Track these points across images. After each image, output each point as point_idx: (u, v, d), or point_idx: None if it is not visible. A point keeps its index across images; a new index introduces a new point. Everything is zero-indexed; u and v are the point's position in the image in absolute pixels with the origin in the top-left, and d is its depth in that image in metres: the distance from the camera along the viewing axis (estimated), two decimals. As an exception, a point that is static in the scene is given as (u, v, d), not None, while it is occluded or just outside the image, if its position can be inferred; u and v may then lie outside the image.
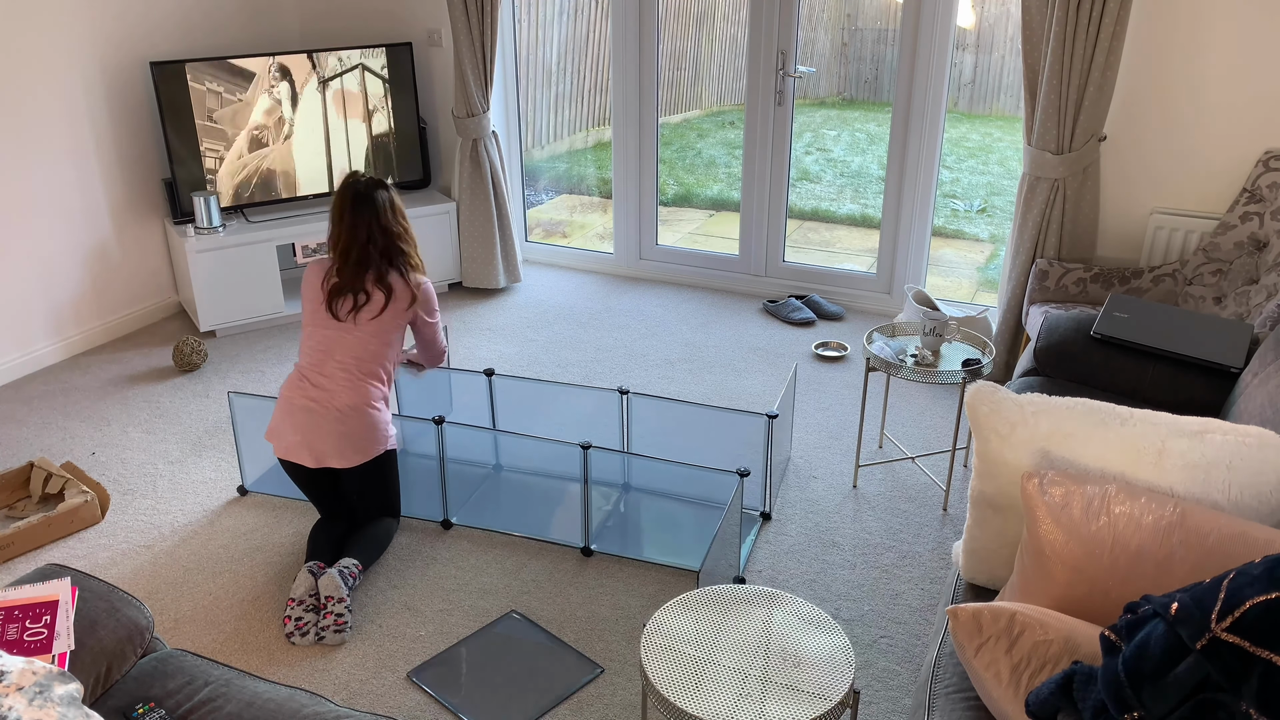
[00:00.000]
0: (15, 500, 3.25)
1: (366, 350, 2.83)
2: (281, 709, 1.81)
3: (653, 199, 4.99)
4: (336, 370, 2.81)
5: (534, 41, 6.10)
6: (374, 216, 2.82)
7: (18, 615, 1.86)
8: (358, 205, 2.82)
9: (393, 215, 2.87)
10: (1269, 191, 3.42)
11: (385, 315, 2.84)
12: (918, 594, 2.81)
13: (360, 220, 2.81)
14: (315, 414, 2.77)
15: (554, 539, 3.04)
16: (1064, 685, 1.45)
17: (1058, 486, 1.73)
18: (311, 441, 2.77)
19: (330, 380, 2.80)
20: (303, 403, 2.78)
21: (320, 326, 2.84)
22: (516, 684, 2.47)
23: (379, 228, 2.83)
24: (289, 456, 2.80)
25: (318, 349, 2.83)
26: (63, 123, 4.09)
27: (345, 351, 2.82)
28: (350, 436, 2.78)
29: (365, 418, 2.80)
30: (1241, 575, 1.31)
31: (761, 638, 1.97)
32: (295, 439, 2.78)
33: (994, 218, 6.35)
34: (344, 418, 2.77)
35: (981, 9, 6.56)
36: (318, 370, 2.81)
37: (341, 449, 2.78)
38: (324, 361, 2.82)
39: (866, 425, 3.74)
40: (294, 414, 2.79)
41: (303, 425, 2.77)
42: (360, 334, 2.83)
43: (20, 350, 4.10)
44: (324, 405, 2.77)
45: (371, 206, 2.82)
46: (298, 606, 2.66)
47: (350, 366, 2.81)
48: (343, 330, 2.82)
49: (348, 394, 2.79)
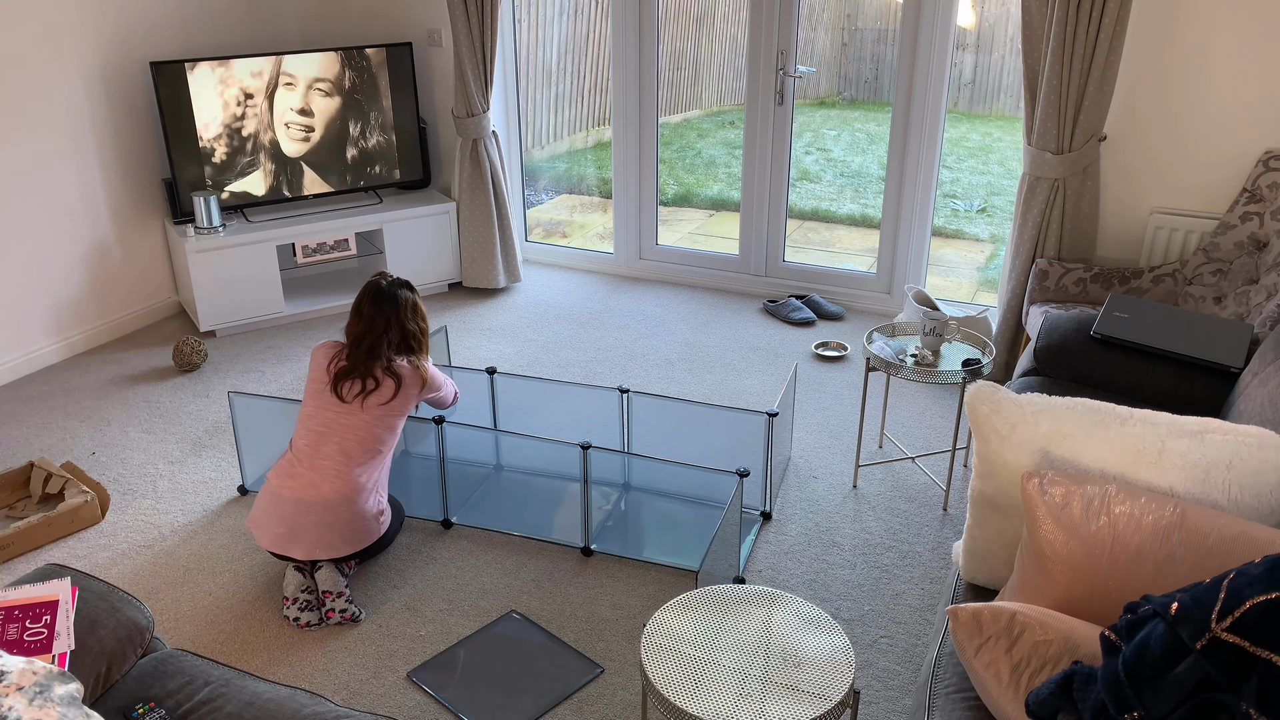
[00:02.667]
0: (15, 500, 3.25)
1: (370, 434, 2.76)
2: (281, 709, 1.81)
3: (653, 199, 5.00)
4: (334, 454, 2.72)
5: (534, 41, 6.10)
6: (394, 312, 2.84)
7: (18, 615, 1.86)
8: (379, 300, 2.84)
9: (412, 315, 2.88)
10: (1269, 191, 3.42)
11: (395, 403, 2.79)
12: (918, 594, 2.81)
13: (380, 313, 2.83)
14: (301, 505, 2.68)
15: (554, 539, 3.04)
16: (1064, 685, 1.45)
17: (1058, 486, 1.73)
18: (298, 534, 2.69)
19: (320, 468, 2.71)
20: (290, 494, 2.70)
21: (322, 408, 2.78)
22: (516, 684, 2.47)
23: (396, 323, 2.84)
24: (274, 549, 2.71)
25: (316, 430, 2.76)
26: (63, 123, 4.09)
27: (346, 435, 2.74)
28: (337, 528, 2.69)
29: (352, 510, 2.71)
30: (1241, 575, 1.31)
31: (761, 638, 1.97)
32: (281, 530, 2.70)
33: (994, 218, 6.35)
34: (330, 508, 2.69)
35: (981, 9, 6.56)
36: (313, 452, 2.73)
37: (328, 541, 2.69)
38: (320, 444, 2.74)
39: (866, 425, 3.74)
40: (280, 505, 2.70)
41: (288, 517, 2.69)
42: (365, 418, 2.76)
43: (20, 350, 4.10)
44: (310, 496, 2.68)
45: (393, 303, 2.85)
46: (293, 606, 2.66)
47: (349, 452, 2.73)
48: (345, 413, 2.76)
49: (336, 483, 2.70)
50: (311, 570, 2.76)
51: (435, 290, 4.98)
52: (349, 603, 2.67)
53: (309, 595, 2.68)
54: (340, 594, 2.66)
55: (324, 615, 2.66)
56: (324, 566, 2.68)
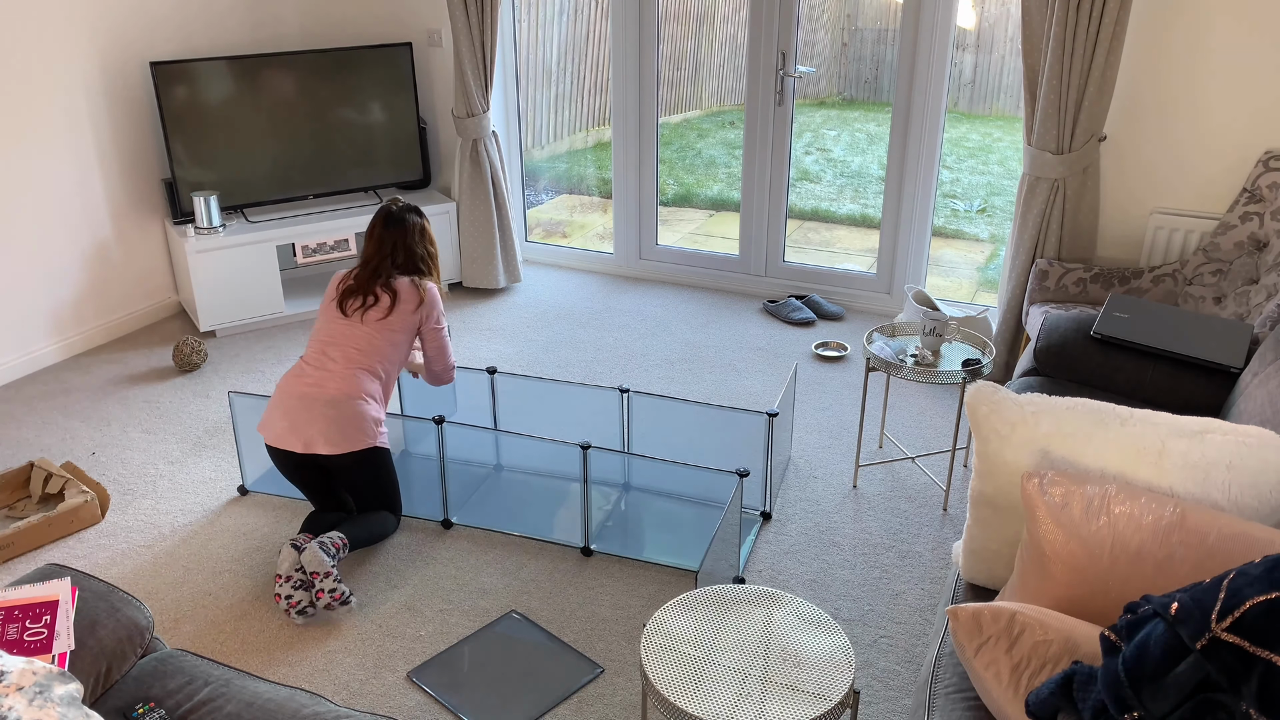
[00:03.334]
0: (15, 500, 3.25)
1: (370, 344, 2.93)
2: (281, 709, 1.81)
3: (653, 199, 5.00)
4: (336, 358, 2.89)
5: (534, 41, 6.10)
6: (401, 235, 3.05)
7: (18, 615, 1.86)
8: (388, 223, 3.06)
9: (419, 238, 3.08)
10: (1269, 191, 3.42)
11: (392, 316, 2.97)
12: (918, 594, 2.81)
13: (387, 235, 3.04)
14: (306, 399, 2.82)
15: (554, 539, 3.04)
16: (1064, 685, 1.45)
17: (1058, 486, 1.73)
18: (299, 427, 2.81)
19: (326, 369, 2.88)
20: (295, 389, 2.85)
21: (329, 322, 2.97)
22: (516, 684, 2.47)
23: (403, 246, 3.04)
24: (277, 443, 2.84)
25: (321, 339, 2.95)
26: (63, 123, 4.09)
27: (348, 343, 2.92)
28: (338, 422, 2.80)
29: (354, 407, 2.83)
30: (1241, 575, 1.31)
31: (761, 638, 1.97)
32: (284, 425, 2.82)
33: (994, 218, 6.35)
34: (334, 403, 2.82)
35: (981, 9, 6.56)
36: (318, 356, 2.91)
37: (328, 433, 2.80)
38: (325, 350, 2.92)
39: (866, 425, 3.74)
40: (285, 401, 2.85)
41: (292, 411, 2.83)
42: (365, 330, 2.94)
43: (20, 350, 4.10)
44: (315, 392, 2.83)
45: (401, 227, 3.05)
46: (285, 584, 2.66)
47: (351, 357, 2.90)
48: (348, 325, 2.94)
49: (341, 382, 2.85)
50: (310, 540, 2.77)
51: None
52: (337, 582, 2.67)
53: (302, 575, 2.68)
54: (328, 574, 2.66)
55: (314, 597, 2.66)
56: (308, 546, 2.68)
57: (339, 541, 2.76)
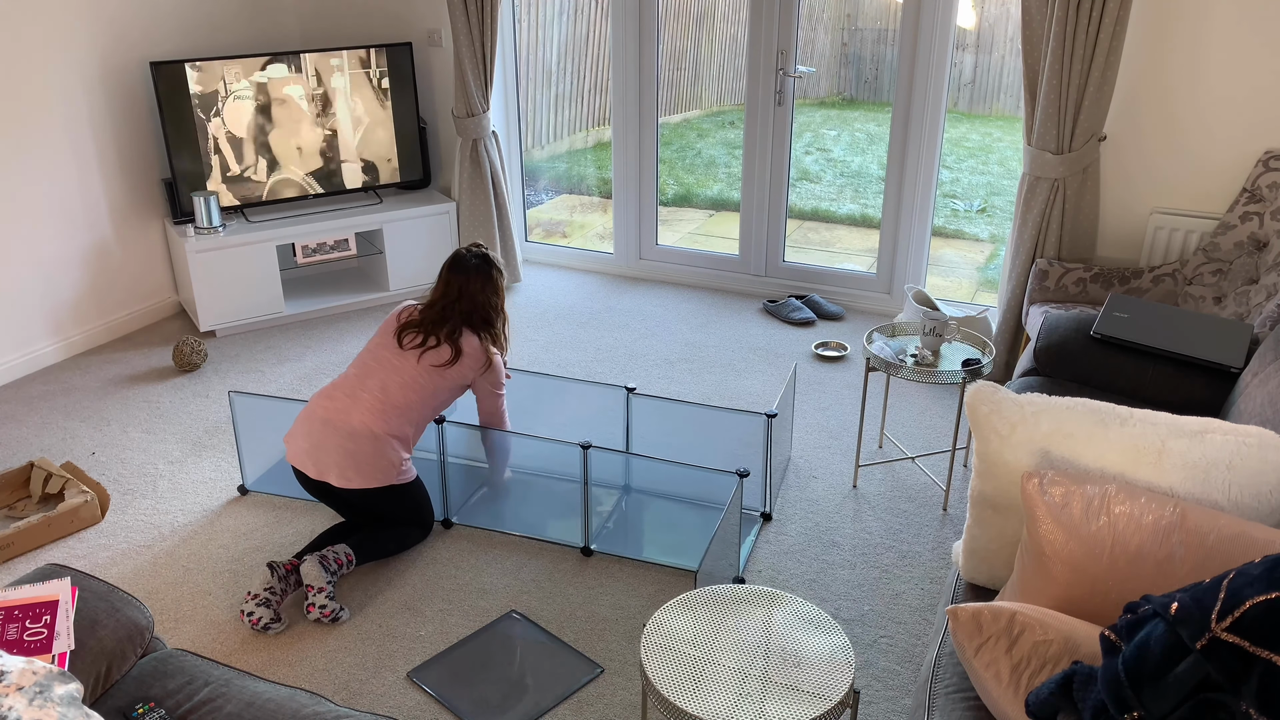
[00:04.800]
0: (15, 500, 3.25)
1: (415, 385, 2.84)
2: (281, 709, 1.81)
3: (653, 199, 5.00)
4: (371, 389, 2.81)
5: (534, 41, 6.10)
6: (466, 282, 2.94)
7: (18, 615, 1.86)
8: (455, 267, 2.97)
9: (486, 288, 2.97)
10: (1269, 191, 3.42)
11: (450, 370, 2.88)
12: (918, 594, 2.81)
13: (454, 280, 2.95)
14: (329, 425, 2.78)
15: (554, 539, 3.04)
16: (1064, 685, 1.45)
17: (1058, 486, 1.73)
18: (316, 452, 2.77)
19: (357, 397, 2.80)
20: (320, 412, 2.80)
21: (380, 347, 2.89)
22: (516, 684, 2.47)
23: (467, 293, 2.94)
24: (296, 463, 2.82)
25: (367, 364, 2.87)
26: (63, 123, 4.09)
27: (391, 377, 2.83)
28: (354, 456, 2.75)
29: (374, 444, 2.77)
30: (1241, 575, 1.31)
31: (761, 638, 1.97)
32: (305, 446, 2.80)
33: (994, 218, 6.35)
34: (353, 436, 2.76)
35: (981, 9, 6.56)
36: (353, 383, 2.84)
37: (342, 467, 2.76)
38: (366, 377, 2.84)
39: (866, 425, 3.74)
40: (310, 422, 2.81)
41: (314, 434, 2.79)
42: (415, 369, 2.85)
43: (20, 350, 4.10)
44: (339, 419, 2.78)
45: (465, 273, 2.96)
46: (251, 601, 2.63)
47: (390, 394, 2.81)
48: (399, 358, 2.85)
49: (367, 415, 2.78)
50: (298, 563, 2.74)
51: (435, 290, 4.98)
52: (329, 599, 2.65)
53: (270, 594, 2.65)
54: (321, 589, 2.64)
55: (304, 609, 2.66)
56: (308, 559, 2.67)
57: (342, 557, 2.74)
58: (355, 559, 2.79)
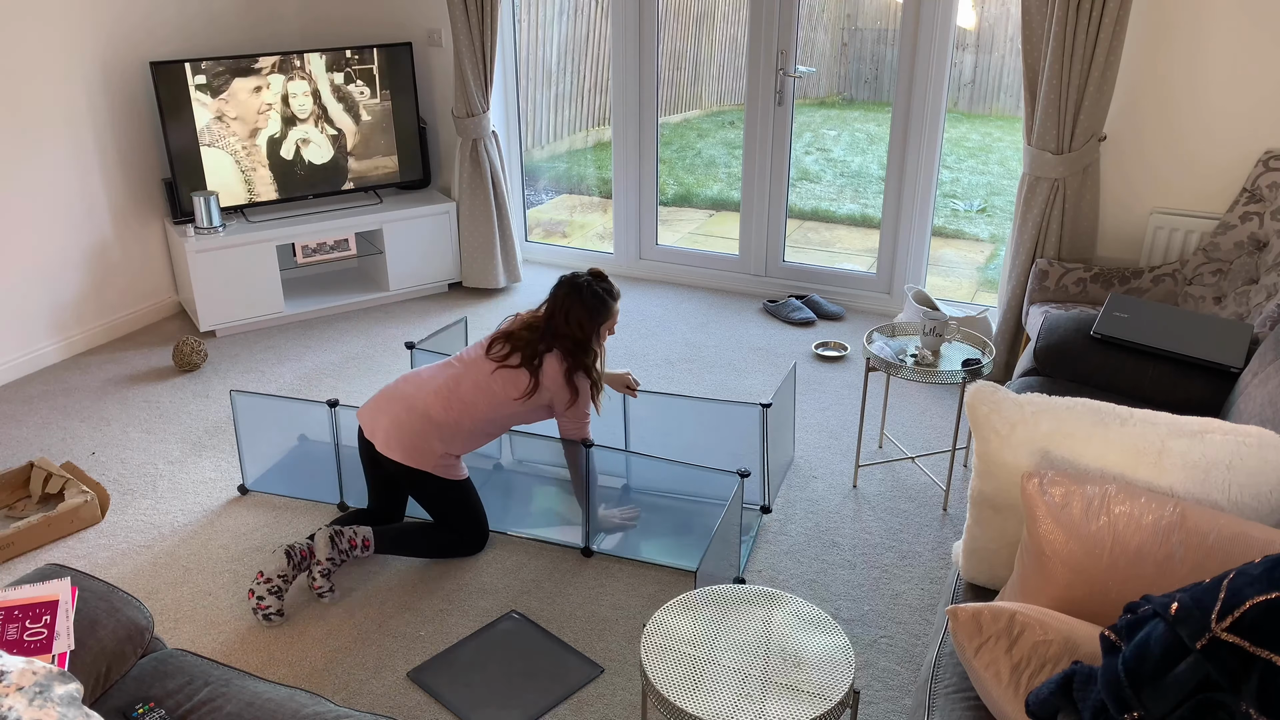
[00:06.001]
0: (15, 500, 3.25)
1: (479, 390, 2.83)
2: (281, 709, 1.81)
3: (653, 199, 5.00)
4: (447, 380, 2.85)
5: (534, 41, 6.10)
6: (570, 306, 2.86)
7: (18, 615, 1.86)
8: (561, 288, 2.90)
9: (586, 315, 2.86)
10: (1269, 191, 3.42)
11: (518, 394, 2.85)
12: (918, 594, 2.81)
13: (557, 297, 2.89)
14: (393, 394, 2.85)
15: (554, 539, 3.04)
16: (1064, 685, 1.45)
17: (1058, 486, 1.73)
18: (375, 413, 2.85)
19: (433, 384, 2.85)
20: (397, 386, 2.88)
21: (471, 347, 2.96)
22: (516, 684, 2.47)
23: (565, 315, 2.85)
24: (359, 418, 2.90)
25: (453, 361, 2.92)
26: (63, 123, 4.09)
27: (464, 374, 2.86)
28: (401, 426, 2.80)
29: (424, 424, 2.80)
30: (1241, 575, 1.31)
31: (761, 638, 1.97)
32: (370, 407, 2.88)
33: (994, 218, 6.35)
34: (410, 409, 2.81)
35: (981, 9, 6.56)
36: (434, 370, 2.90)
37: (388, 434, 2.81)
38: (444, 368, 2.90)
39: (866, 425, 3.74)
40: (385, 390, 2.90)
41: (381, 400, 2.87)
42: (490, 379, 2.85)
43: (20, 350, 4.10)
44: (407, 393, 2.84)
45: (572, 295, 2.87)
46: (262, 584, 2.65)
47: (461, 385, 2.84)
48: (480, 363, 2.87)
49: (431, 399, 2.82)
50: (312, 545, 2.76)
51: (435, 290, 4.98)
52: (324, 577, 2.69)
53: (283, 581, 2.67)
54: (320, 563, 2.69)
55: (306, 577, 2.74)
56: (322, 529, 2.72)
57: (357, 539, 2.76)
58: (374, 545, 2.80)
